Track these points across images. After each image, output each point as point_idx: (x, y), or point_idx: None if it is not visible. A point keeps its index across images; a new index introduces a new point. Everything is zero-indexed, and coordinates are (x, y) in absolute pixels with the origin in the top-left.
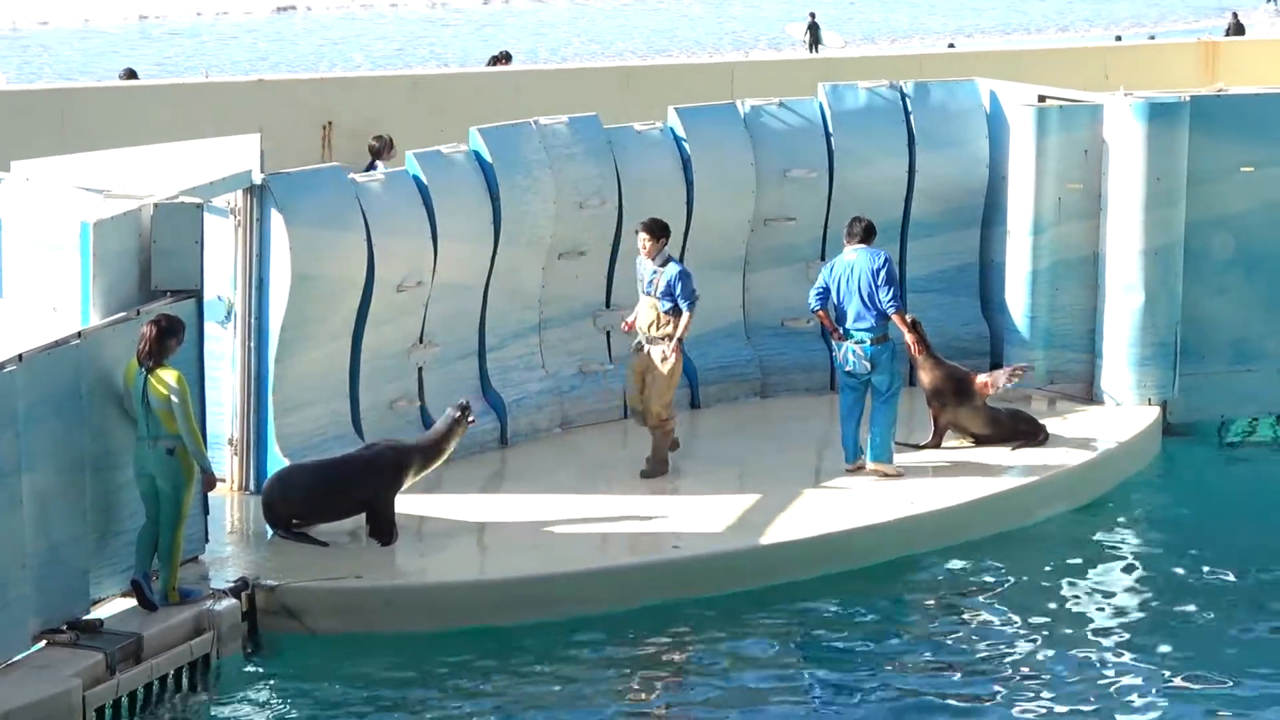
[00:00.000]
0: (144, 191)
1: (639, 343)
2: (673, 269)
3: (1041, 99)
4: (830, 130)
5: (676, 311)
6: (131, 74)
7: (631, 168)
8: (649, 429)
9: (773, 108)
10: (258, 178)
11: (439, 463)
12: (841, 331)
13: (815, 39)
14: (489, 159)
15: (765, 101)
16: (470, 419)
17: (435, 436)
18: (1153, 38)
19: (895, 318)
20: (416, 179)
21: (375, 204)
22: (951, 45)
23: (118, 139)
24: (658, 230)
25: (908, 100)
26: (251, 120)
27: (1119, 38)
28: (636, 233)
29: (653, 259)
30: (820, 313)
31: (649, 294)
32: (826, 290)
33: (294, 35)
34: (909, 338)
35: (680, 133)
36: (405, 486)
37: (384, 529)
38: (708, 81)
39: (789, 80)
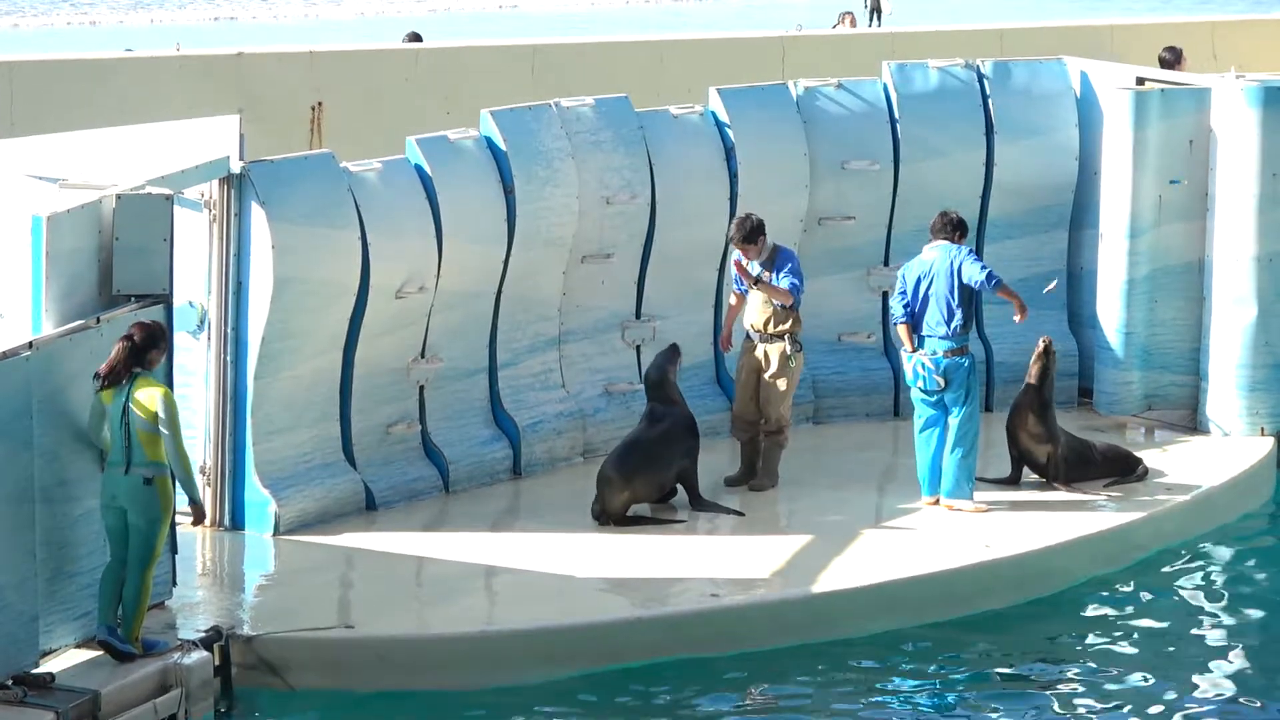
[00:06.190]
0: (105, 181)
1: (750, 341)
2: (783, 259)
3: (1140, 81)
4: (896, 116)
5: (794, 305)
6: (416, 37)
7: (667, 157)
8: (760, 436)
9: (830, 89)
10: (236, 165)
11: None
12: (915, 341)
13: (877, 8)
14: (503, 146)
15: (821, 82)
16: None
17: (666, 387)
18: None
19: (1002, 294)
20: (419, 169)
21: (372, 198)
22: None
23: (75, 120)
24: (746, 233)
25: (985, 82)
26: (230, 99)
27: None
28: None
29: (758, 260)
30: (904, 325)
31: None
32: (911, 298)
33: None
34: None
35: (723, 117)
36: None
37: (697, 497)
38: (755, 58)
39: (849, 58)
